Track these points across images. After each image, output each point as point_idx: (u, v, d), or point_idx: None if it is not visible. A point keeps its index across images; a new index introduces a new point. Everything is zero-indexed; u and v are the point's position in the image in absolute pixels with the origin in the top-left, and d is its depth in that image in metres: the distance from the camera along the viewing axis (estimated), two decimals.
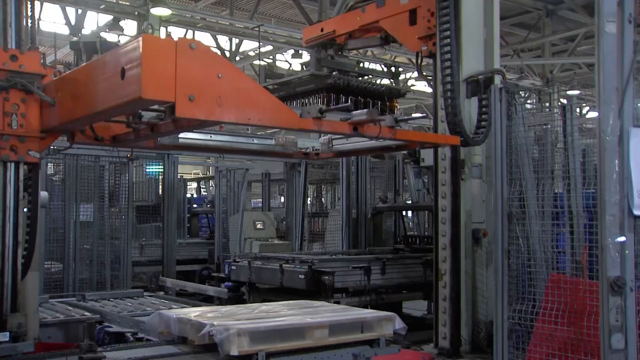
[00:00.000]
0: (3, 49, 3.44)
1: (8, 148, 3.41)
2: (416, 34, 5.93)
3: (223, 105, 2.74)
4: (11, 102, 3.40)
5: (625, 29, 3.07)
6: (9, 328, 3.33)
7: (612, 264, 3.04)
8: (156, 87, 2.55)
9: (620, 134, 3.19)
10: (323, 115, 3.20)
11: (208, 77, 2.70)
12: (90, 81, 3.04)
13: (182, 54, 2.63)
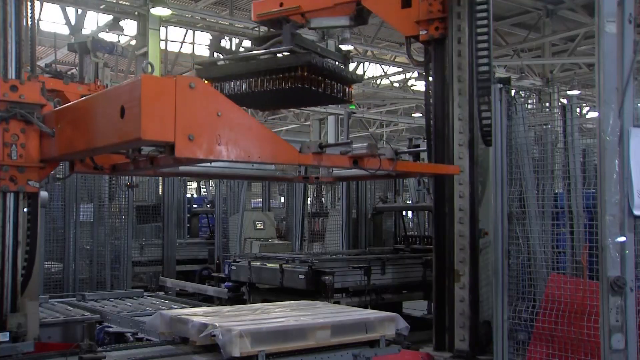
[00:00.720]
0: (3, 80, 3.44)
1: (7, 179, 3.41)
2: (412, 18, 5.59)
3: (223, 143, 2.74)
4: (11, 132, 3.41)
5: (626, 29, 3.07)
6: (8, 328, 3.34)
7: (612, 264, 3.05)
8: (156, 128, 2.54)
9: (621, 134, 3.20)
10: (323, 150, 3.20)
11: (207, 115, 2.70)
12: (90, 116, 3.03)
13: (181, 94, 2.62)
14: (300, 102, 5.73)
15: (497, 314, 4.80)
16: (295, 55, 4.65)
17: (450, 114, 5.46)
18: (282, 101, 5.29)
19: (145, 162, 3.47)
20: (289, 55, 4.61)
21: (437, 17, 5.49)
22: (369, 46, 19.94)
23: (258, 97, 4.79)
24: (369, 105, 24.58)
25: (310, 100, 5.25)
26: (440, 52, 5.59)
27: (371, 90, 24.21)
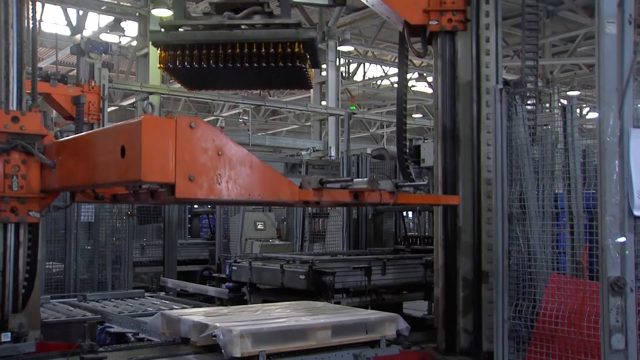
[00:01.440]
0: (5, 111, 3.44)
1: (8, 210, 3.44)
2: (420, 5, 5.38)
3: (223, 183, 2.72)
4: (12, 164, 3.43)
5: (625, 30, 3.07)
6: (10, 328, 3.35)
7: (612, 264, 3.04)
8: (156, 169, 2.54)
9: (621, 134, 3.19)
10: (323, 185, 3.18)
11: (208, 155, 2.68)
12: (91, 151, 3.03)
13: (181, 134, 2.61)
14: (276, 82, 5.36)
15: (497, 314, 4.79)
16: (295, 29, 4.30)
17: (467, 113, 5.39)
18: (255, 80, 4.98)
19: (146, 195, 3.46)
20: (285, 29, 4.30)
21: (451, 8, 5.41)
22: (369, 47, 19.98)
23: (227, 74, 4.49)
24: (369, 105, 24.60)
25: (290, 81, 5.00)
26: (451, 46, 5.47)
27: (372, 91, 24.23)
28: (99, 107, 11.49)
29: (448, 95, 5.48)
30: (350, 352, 3.74)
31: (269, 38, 4.27)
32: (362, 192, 3.31)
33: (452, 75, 5.51)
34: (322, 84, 19.08)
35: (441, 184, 5.46)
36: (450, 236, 5.37)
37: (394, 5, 5.43)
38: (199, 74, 4.41)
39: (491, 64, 5.42)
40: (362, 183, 3.35)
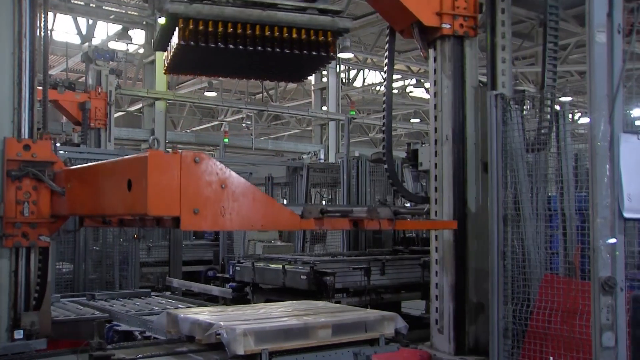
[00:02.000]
0: (17, 139, 3.46)
1: (20, 235, 3.44)
2: (433, 7, 5.31)
3: (227, 214, 2.70)
4: (24, 190, 3.44)
5: (615, 39, 3.09)
6: (22, 326, 3.36)
7: (603, 264, 3.06)
8: (162, 204, 2.54)
9: (611, 139, 3.21)
10: (324, 215, 3.17)
11: (212, 189, 2.68)
12: (99, 182, 3.05)
13: (186, 169, 2.61)
14: (294, 71, 4.72)
15: (492, 313, 4.80)
16: (331, 17, 3.89)
17: (475, 118, 5.36)
18: (274, 68, 4.44)
19: (152, 221, 3.44)
20: (321, 16, 3.89)
21: (463, 14, 5.41)
22: (368, 54, 19.99)
23: (247, 58, 4.02)
24: (368, 111, 24.62)
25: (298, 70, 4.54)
26: (460, 51, 5.48)
27: (371, 96, 24.24)
28: (105, 113, 11.54)
29: (457, 99, 5.45)
30: (350, 350, 3.74)
31: (304, 23, 3.89)
32: (361, 220, 3.30)
33: (460, 80, 5.50)
34: (323, 89, 19.11)
35: (447, 188, 5.38)
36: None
37: (409, 3, 5.26)
38: (216, 56, 3.95)
39: (506, 71, 5.47)
40: (362, 212, 3.34)
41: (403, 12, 5.34)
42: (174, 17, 3.60)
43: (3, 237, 3.37)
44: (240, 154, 22.33)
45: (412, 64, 21.01)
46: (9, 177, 3.39)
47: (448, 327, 5.33)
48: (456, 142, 5.43)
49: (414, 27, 5.47)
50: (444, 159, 5.49)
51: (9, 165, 3.41)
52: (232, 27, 3.67)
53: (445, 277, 5.38)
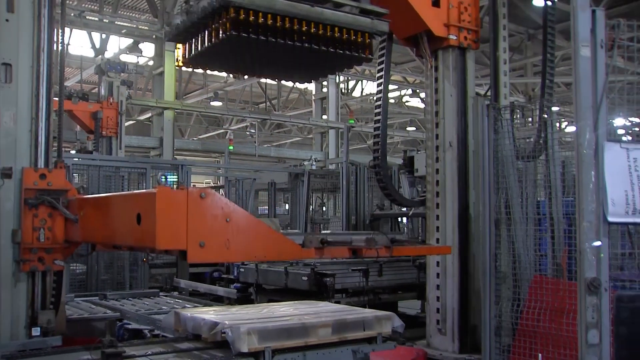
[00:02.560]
0: (34, 169, 3.49)
1: (36, 259, 3.46)
2: (441, 19, 5.33)
3: (231, 247, 2.70)
4: (40, 217, 3.46)
5: (598, 53, 3.11)
6: (39, 324, 3.39)
7: (588, 266, 3.06)
8: (169, 238, 2.55)
9: (596, 147, 3.22)
10: (324, 245, 3.16)
11: (217, 223, 2.67)
12: (110, 213, 3.05)
13: (192, 204, 2.60)
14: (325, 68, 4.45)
15: (484, 312, 4.81)
16: (371, 19, 3.75)
17: (476, 125, 5.34)
18: (307, 67, 4.20)
19: (161, 250, 3.42)
20: (361, 17, 3.74)
21: (467, 27, 5.47)
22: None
23: (283, 55, 3.81)
24: (366, 119, 24.64)
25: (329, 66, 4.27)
26: (463, 62, 5.52)
27: (369, 106, 24.25)
28: (116, 122, 11.61)
29: (460, 107, 5.48)
30: (349, 348, 3.75)
31: (347, 23, 3.78)
32: (360, 249, 3.29)
33: (462, 89, 5.53)
34: (323, 99, 19.15)
35: (449, 193, 5.39)
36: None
37: (422, 12, 5.26)
38: (250, 51, 3.76)
39: (507, 83, 5.51)
40: (361, 241, 3.31)
41: (415, 21, 5.33)
42: (228, 6, 3.39)
43: (20, 262, 3.40)
44: (244, 160, 22.35)
45: (408, 75, 21.06)
46: (26, 205, 3.41)
47: (452, 328, 5.32)
48: (459, 149, 5.44)
49: (422, 36, 5.49)
50: (447, 165, 5.49)
51: (27, 194, 3.43)
52: (281, 21, 3.52)
53: (448, 279, 5.37)
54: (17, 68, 3.56)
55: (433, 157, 5.64)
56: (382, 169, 5.36)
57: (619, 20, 3.26)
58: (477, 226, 5.27)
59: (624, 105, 3.44)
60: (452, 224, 5.45)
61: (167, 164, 10.86)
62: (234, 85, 21.24)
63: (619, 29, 3.24)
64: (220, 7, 3.40)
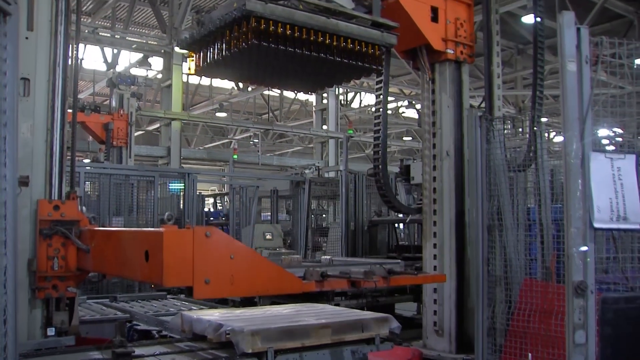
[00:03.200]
0: (48, 201, 3.52)
1: (50, 287, 3.47)
2: (439, 33, 5.38)
3: (235, 283, 2.70)
4: (54, 247, 3.47)
5: (584, 68, 3.14)
6: (54, 324, 3.41)
7: (576, 270, 3.08)
8: (176, 276, 2.55)
9: (582, 157, 3.24)
10: (325, 278, 3.18)
11: (222, 260, 2.67)
12: (120, 247, 3.06)
13: (198, 242, 2.60)
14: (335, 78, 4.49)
15: (477, 314, 4.82)
16: (380, 31, 3.77)
17: (470, 135, 5.31)
18: (319, 77, 4.21)
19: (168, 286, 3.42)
20: (372, 29, 3.76)
21: (463, 42, 5.52)
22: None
23: (297, 65, 3.79)
24: (365, 129, 24.70)
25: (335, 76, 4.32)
26: (458, 75, 5.56)
27: (367, 116, 24.34)
28: (126, 132, 11.70)
29: (456, 118, 5.50)
30: (348, 348, 3.75)
31: (359, 35, 3.79)
32: (359, 281, 3.29)
33: (458, 101, 5.56)
34: (323, 110, 19.21)
35: (447, 200, 5.41)
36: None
37: (422, 27, 5.30)
38: (264, 60, 3.71)
39: (500, 96, 5.56)
40: (359, 273, 3.31)
41: (416, 35, 5.37)
42: (250, 15, 3.37)
43: (36, 290, 3.42)
44: (248, 169, 22.39)
45: (404, 87, 21.13)
46: (41, 235, 3.42)
47: (449, 329, 5.31)
48: (456, 158, 5.47)
49: (421, 49, 5.53)
50: (444, 173, 5.50)
51: (41, 225, 3.44)
52: (299, 31, 3.54)
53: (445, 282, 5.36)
54: (34, 82, 3.59)
55: (430, 166, 5.66)
56: (383, 177, 5.38)
57: (602, 38, 3.30)
58: (472, 232, 5.29)
59: (608, 117, 3.47)
60: (448, 229, 5.46)
61: (175, 172, 10.90)
62: (239, 97, 21.32)
63: (602, 46, 3.28)
64: (242, 17, 3.39)
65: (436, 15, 5.39)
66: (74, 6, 3.89)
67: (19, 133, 3.41)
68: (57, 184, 3.64)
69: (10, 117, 2.59)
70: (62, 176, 3.69)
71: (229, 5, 3.57)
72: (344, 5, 3.87)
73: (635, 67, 3.53)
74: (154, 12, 15.66)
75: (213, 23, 3.64)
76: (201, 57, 3.90)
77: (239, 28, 3.47)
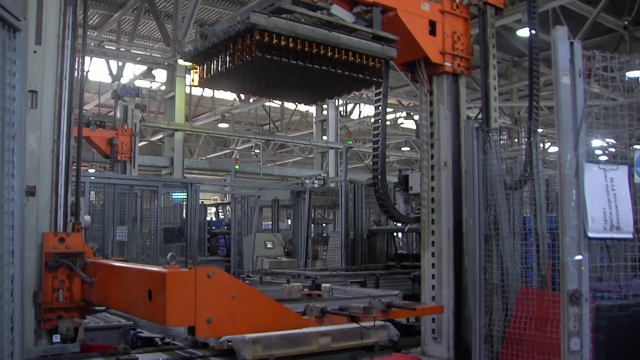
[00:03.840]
0: (54, 234, 3.52)
1: (56, 318, 3.46)
2: (437, 47, 5.41)
3: (237, 321, 2.70)
4: (59, 279, 3.46)
5: (577, 81, 3.17)
6: (59, 331, 3.41)
7: (571, 278, 3.09)
8: (179, 316, 2.54)
9: (577, 168, 3.27)
10: (324, 314, 3.18)
11: (223, 300, 2.67)
12: (123, 283, 3.07)
13: (200, 283, 2.59)
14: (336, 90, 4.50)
15: (474, 321, 4.81)
16: (381, 45, 3.80)
17: (467, 146, 5.36)
18: (320, 89, 4.21)
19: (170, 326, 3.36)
20: (373, 42, 3.78)
21: (460, 55, 5.54)
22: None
23: (299, 77, 3.81)
24: (364, 140, 24.76)
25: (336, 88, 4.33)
26: (455, 87, 5.58)
27: (366, 127, 24.41)
28: (130, 147, 11.78)
29: (454, 129, 5.51)
30: (348, 355, 3.75)
31: (360, 48, 3.81)
32: (358, 316, 3.30)
33: (456, 112, 5.58)
34: (323, 121, 19.27)
35: (445, 209, 5.39)
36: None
37: (420, 40, 5.32)
38: (266, 72, 3.72)
39: (497, 107, 5.59)
40: (359, 309, 3.32)
41: (415, 48, 5.39)
42: (254, 28, 3.38)
43: (42, 321, 3.42)
44: (249, 179, 22.41)
45: (403, 98, 21.22)
46: (47, 267, 3.40)
47: (447, 336, 5.28)
48: (454, 168, 5.49)
49: (420, 62, 5.55)
50: (442, 183, 5.49)
51: (47, 257, 3.42)
52: (301, 44, 3.55)
53: (443, 290, 5.36)
54: (41, 95, 3.61)
55: (428, 176, 5.67)
56: (382, 187, 5.40)
57: (594, 52, 3.33)
58: (469, 241, 5.29)
59: (601, 128, 3.50)
60: (446, 238, 5.46)
61: (178, 182, 10.94)
62: (240, 108, 21.39)
63: (595, 59, 3.31)
64: (246, 30, 3.42)
65: (434, 28, 5.42)
66: (81, 20, 3.92)
67: (26, 144, 3.43)
68: (63, 194, 3.65)
69: (19, 129, 2.61)
70: (68, 186, 3.70)
71: (233, 19, 3.60)
72: (345, 18, 3.92)
73: (626, 80, 3.56)
74: (158, 25, 15.77)
75: (217, 36, 3.66)
76: (204, 69, 3.92)
77: (243, 41, 3.49)
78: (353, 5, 4.23)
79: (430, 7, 5.39)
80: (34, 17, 3.56)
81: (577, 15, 12.62)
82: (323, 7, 3.80)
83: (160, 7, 15.64)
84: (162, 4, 15.64)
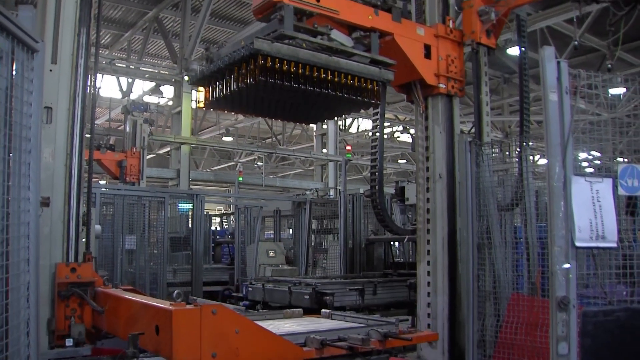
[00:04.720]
0: (65, 264, 3.55)
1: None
2: (432, 69, 5.44)
3: (240, 355, 2.71)
4: (71, 307, 3.49)
5: (564, 98, 3.21)
6: (72, 335, 3.42)
7: (559, 286, 3.10)
8: (185, 352, 2.56)
9: (565, 180, 3.29)
10: (324, 346, 3.19)
11: (227, 335, 2.69)
12: (132, 315, 3.09)
13: (205, 320, 2.61)
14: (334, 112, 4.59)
15: (468, 327, 4.81)
16: (379, 68, 3.82)
17: (461, 160, 5.40)
18: (319, 110, 4.23)
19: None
20: (371, 66, 3.80)
21: (454, 77, 5.59)
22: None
23: (300, 99, 3.81)
24: (362, 153, 24.83)
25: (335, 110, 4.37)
26: (450, 107, 5.63)
27: (364, 140, 24.49)
28: (138, 169, 11.82)
29: (448, 144, 5.53)
30: None
31: (359, 71, 3.84)
32: (357, 347, 3.31)
33: (450, 129, 5.61)
34: (323, 135, 19.35)
35: (439, 219, 5.37)
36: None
37: (416, 63, 5.36)
38: (269, 95, 3.74)
39: (489, 122, 5.63)
40: (357, 340, 3.32)
41: (411, 71, 5.45)
42: (257, 54, 3.41)
43: (55, 348, 3.43)
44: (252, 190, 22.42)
45: (399, 113, 21.31)
46: (59, 296, 3.43)
47: (442, 341, 5.25)
48: (448, 180, 5.52)
49: (415, 84, 5.59)
50: (437, 195, 5.49)
51: (59, 287, 3.46)
52: (302, 68, 3.58)
53: (438, 297, 5.35)
54: (56, 111, 3.66)
55: (424, 187, 5.68)
56: (380, 202, 5.41)
57: (580, 70, 3.38)
58: (463, 250, 5.31)
59: (587, 142, 3.53)
60: (441, 247, 5.48)
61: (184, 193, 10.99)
62: (244, 122, 21.49)
63: (580, 77, 3.36)
64: (250, 55, 3.45)
65: (429, 52, 5.48)
66: (94, 40, 3.98)
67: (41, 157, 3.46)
68: (75, 205, 3.68)
69: (34, 144, 2.65)
70: (80, 197, 3.72)
71: (237, 44, 3.65)
72: (344, 43, 3.94)
73: (609, 97, 3.60)
74: (166, 44, 15.90)
75: (222, 60, 3.70)
76: (210, 91, 3.96)
77: (247, 65, 3.54)
78: (352, 30, 4.27)
79: (426, 31, 5.45)
80: (50, 37, 3.62)
81: (562, 35, 12.76)
82: (323, 32, 3.83)
83: (168, 26, 15.78)
84: (169, 24, 15.78)
